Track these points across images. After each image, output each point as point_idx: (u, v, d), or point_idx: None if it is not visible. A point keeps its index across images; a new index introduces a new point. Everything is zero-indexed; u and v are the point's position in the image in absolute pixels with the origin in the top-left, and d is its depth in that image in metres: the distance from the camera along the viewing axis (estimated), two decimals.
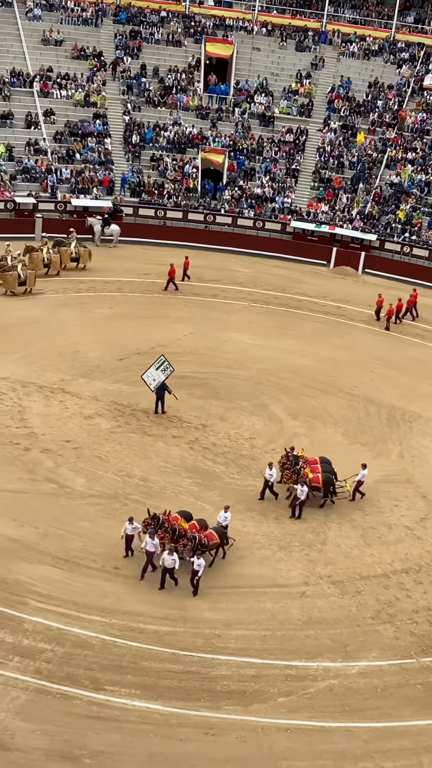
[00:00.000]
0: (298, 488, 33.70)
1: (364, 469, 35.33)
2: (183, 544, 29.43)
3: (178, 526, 29.88)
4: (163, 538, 29.56)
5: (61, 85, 67.20)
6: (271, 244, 63.25)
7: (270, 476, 34.50)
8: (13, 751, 22.94)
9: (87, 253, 55.23)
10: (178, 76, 70.17)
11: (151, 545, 29.25)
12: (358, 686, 26.71)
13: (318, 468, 34.87)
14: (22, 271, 50.14)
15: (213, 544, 30.38)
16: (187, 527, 30.12)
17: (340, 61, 73.05)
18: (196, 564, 28.84)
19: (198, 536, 29.84)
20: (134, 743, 23.78)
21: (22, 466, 34.76)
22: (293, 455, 35.05)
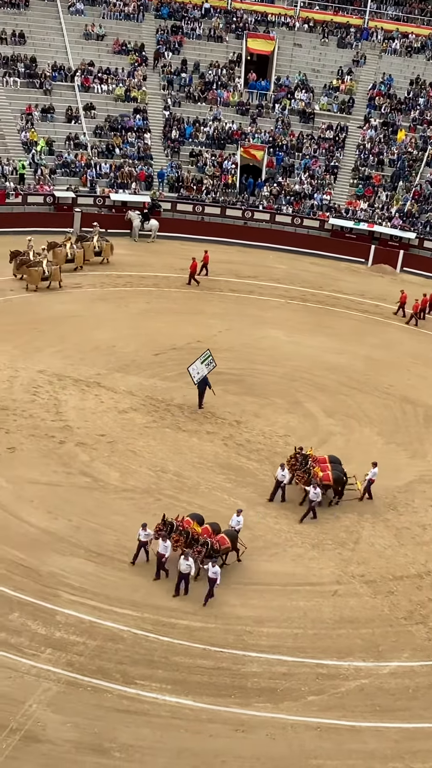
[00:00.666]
0: (311, 490, 33.16)
1: (374, 467, 34.88)
2: (197, 550, 28.94)
3: (191, 530, 29.49)
4: (177, 542, 29.13)
5: (102, 79, 67.36)
6: (309, 241, 63.09)
7: (282, 477, 33.95)
8: (44, 743, 23.05)
9: (109, 247, 55.06)
10: (218, 72, 70.09)
11: (162, 547, 28.82)
12: (389, 686, 26.60)
13: (328, 466, 34.41)
14: (47, 267, 50.02)
15: (225, 548, 29.88)
16: (200, 531, 29.74)
17: (381, 58, 72.67)
18: (211, 572, 28.30)
19: (210, 541, 29.32)
20: (164, 738, 23.82)
21: (57, 459, 34.91)
22: (302, 455, 34.41)
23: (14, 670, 25.04)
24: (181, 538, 29.19)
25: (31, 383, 40.02)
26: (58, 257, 52.32)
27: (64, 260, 52.61)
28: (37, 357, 42.38)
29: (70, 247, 53.18)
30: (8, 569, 28.71)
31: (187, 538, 29.24)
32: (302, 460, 34.14)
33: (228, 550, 30.02)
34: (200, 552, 28.85)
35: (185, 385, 41.11)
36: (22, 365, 41.44)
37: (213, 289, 53.66)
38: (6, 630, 26.33)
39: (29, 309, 47.53)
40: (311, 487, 33.05)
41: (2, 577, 28.35)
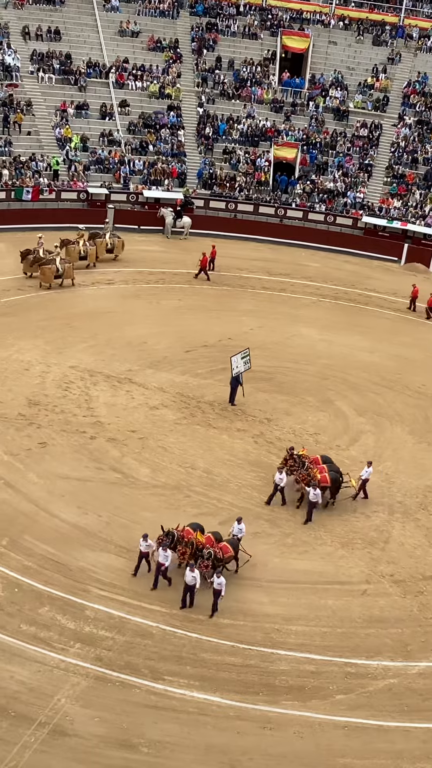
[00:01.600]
0: (311, 491, 32.53)
1: (368, 466, 34.40)
2: (205, 564, 28.19)
3: (196, 540, 28.83)
4: (183, 554, 28.49)
5: (137, 76, 67.51)
6: (342, 239, 62.96)
7: (280, 480, 33.19)
8: (72, 737, 23.16)
9: (121, 244, 54.72)
10: (253, 69, 70.03)
11: (162, 557, 28.18)
12: (417, 686, 26.49)
13: (324, 468, 33.77)
14: (60, 264, 49.69)
15: (228, 557, 29.09)
16: (203, 540, 29.04)
17: (417, 56, 72.30)
18: (216, 583, 27.59)
19: (213, 551, 28.54)
20: (192, 734, 23.86)
21: (88, 455, 35.04)
22: (296, 455, 33.71)
23: (43, 664, 25.18)
24: (187, 549, 28.50)
25: (63, 379, 40.20)
26: (72, 255, 52.00)
27: (77, 257, 52.34)
28: (69, 353, 42.56)
29: (83, 244, 52.80)
30: (39, 564, 28.86)
31: (192, 549, 28.56)
32: (299, 461, 33.54)
33: (231, 558, 29.28)
34: (207, 566, 28.14)
35: (216, 382, 41.17)
36: (54, 361, 41.63)
37: (245, 287, 53.66)
38: (36, 624, 26.47)
39: (62, 305, 47.73)
40: (311, 488, 32.54)
41: (33, 571, 28.51)
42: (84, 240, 53.10)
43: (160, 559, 28.30)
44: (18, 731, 22.94)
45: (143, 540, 28.70)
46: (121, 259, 54.63)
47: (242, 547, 29.64)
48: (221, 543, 29.15)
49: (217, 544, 29.04)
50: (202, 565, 28.12)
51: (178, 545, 28.54)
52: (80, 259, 52.52)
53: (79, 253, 52.52)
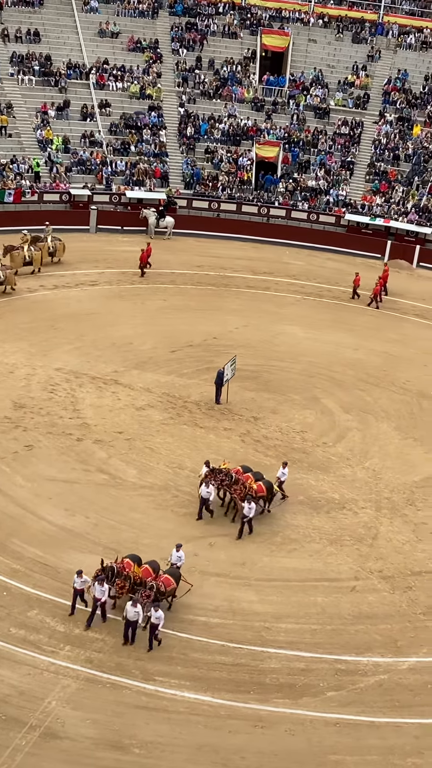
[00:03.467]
0: (246, 506, 31.27)
1: (284, 467, 33.70)
2: (146, 594, 26.55)
3: (132, 574, 27.14)
4: (122, 588, 26.99)
5: (117, 77, 67.43)
6: (325, 236, 62.98)
7: (207, 494, 31.96)
8: (63, 739, 23.13)
9: (62, 247, 53.38)
10: (233, 68, 70.04)
11: (99, 591, 26.53)
12: (408, 682, 26.55)
13: (251, 477, 32.45)
14: (2, 272, 48.45)
15: (170, 589, 27.45)
16: (140, 573, 27.31)
17: (396, 53, 72.44)
18: (154, 617, 25.92)
19: (156, 584, 26.89)
20: (183, 734, 23.86)
21: (75, 457, 35.00)
22: (218, 469, 32.21)
23: (33, 667, 25.14)
24: (126, 583, 26.98)
25: (49, 381, 40.14)
26: (16, 261, 50.63)
27: (22, 263, 51.03)
28: (54, 355, 42.49)
29: (28, 250, 51.51)
30: (27, 567, 28.82)
31: (131, 582, 27.00)
32: (228, 476, 32.01)
33: (174, 590, 27.65)
34: (149, 596, 26.52)
35: (202, 382, 41.20)
36: (39, 363, 41.56)
37: (229, 286, 53.66)
38: (25, 627, 26.43)
39: (46, 307, 47.65)
40: (246, 503, 31.25)
41: (21, 574, 28.47)
42: (28, 245, 51.75)
43: (96, 594, 26.68)
44: (9, 734, 22.89)
45: (77, 576, 26.98)
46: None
47: (184, 577, 28.11)
48: (162, 576, 27.44)
49: (157, 576, 27.36)
50: (143, 594, 26.50)
51: (116, 579, 26.93)
52: (25, 265, 51.24)
53: (24, 258, 51.19)
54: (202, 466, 32.73)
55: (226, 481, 32.06)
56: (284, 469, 33.70)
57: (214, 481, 32.05)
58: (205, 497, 32.04)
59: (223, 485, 32.24)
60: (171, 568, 28.11)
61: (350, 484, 35.61)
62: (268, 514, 32.96)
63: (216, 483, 32.11)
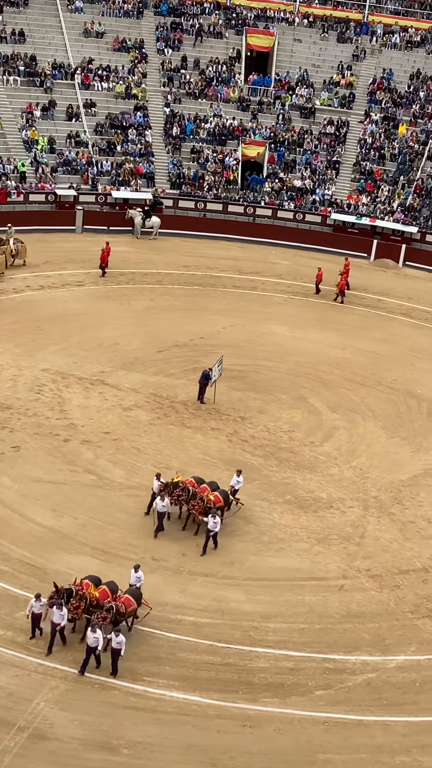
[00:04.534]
0: (210, 520, 30.35)
1: (238, 475, 32.88)
2: (102, 616, 25.41)
3: (89, 595, 26.06)
4: (77, 608, 25.71)
5: (102, 77, 67.35)
6: (311, 236, 63.03)
7: (163, 508, 31.01)
8: (52, 741, 23.09)
9: (24, 249, 52.60)
10: (218, 68, 70.05)
11: (58, 616, 25.36)
12: (396, 680, 26.60)
13: (207, 488, 31.69)
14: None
15: (131, 610, 26.43)
16: (97, 595, 26.22)
17: (381, 53, 72.56)
18: (115, 642, 24.97)
19: (115, 605, 25.81)
20: (172, 734, 23.85)
21: (62, 457, 34.95)
22: (173, 484, 31.29)
23: (21, 668, 25.09)
24: (82, 603, 25.79)
25: (35, 382, 40.06)
26: None
27: None
28: (40, 355, 42.42)
29: None
30: (14, 568, 28.77)
31: (86, 603, 25.85)
32: (185, 489, 31.09)
33: (134, 612, 26.66)
34: (105, 618, 25.42)
35: (189, 382, 41.18)
36: (25, 364, 41.47)
37: (216, 286, 53.66)
38: (13, 628, 26.36)
39: (32, 308, 47.55)
40: (210, 517, 30.36)
41: (9, 575, 28.41)
42: None
43: (55, 619, 25.50)
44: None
45: (35, 600, 25.86)
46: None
47: (145, 600, 27.09)
48: (122, 595, 26.46)
49: (116, 596, 26.33)
50: (99, 616, 25.41)
51: (71, 599, 25.77)
52: None
53: None
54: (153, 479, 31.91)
55: (183, 496, 31.06)
56: (239, 477, 32.87)
57: (170, 496, 31.01)
58: (162, 511, 31.04)
59: (180, 501, 31.16)
60: (132, 589, 27.05)
61: (337, 483, 35.66)
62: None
63: (173, 499, 31.08)
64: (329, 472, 36.32)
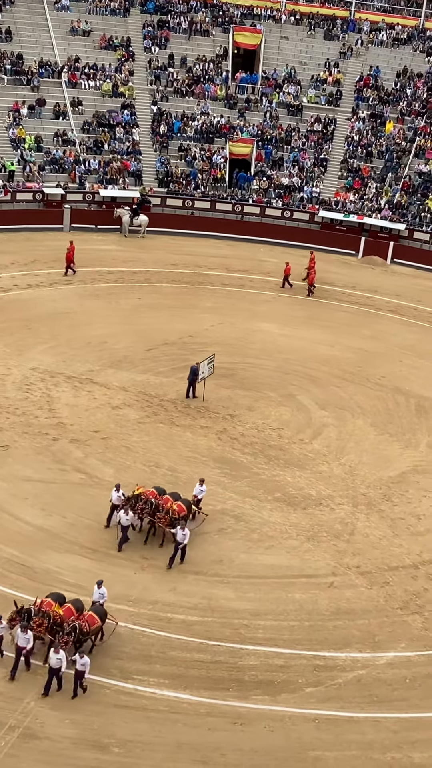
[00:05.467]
0: (179, 532, 29.56)
1: (201, 484, 32.07)
2: (65, 641, 24.49)
3: (53, 613, 25.15)
4: (40, 625, 24.78)
5: (89, 75, 67.23)
6: (299, 233, 63.02)
7: (127, 522, 30.17)
8: (43, 740, 23.07)
9: None
10: (205, 66, 70.01)
11: (23, 639, 24.47)
12: (386, 677, 26.65)
13: (169, 499, 30.74)
14: None
15: (95, 628, 25.56)
16: (62, 613, 25.34)
17: (368, 50, 72.61)
18: (79, 664, 24.29)
19: (78, 625, 24.99)
20: (162, 732, 23.85)
21: (51, 456, 34.90)
22: (136, 497, 30.16)
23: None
24: (44, 621, 24.91)
25: (24, 381, 39.99)
26: None
27: None
28: (29, 354, 42.34)
29: None
30: (3, 567, 28.71)
31: (50, 621, 24.98)
32: (148, 502, 30.07)
33: (99, 629, 25.84)
34: (67, 642, 24.53)
35: (178, 380, 41.16)
36: (14, 363, 41.40)
37: (204, 284, 53.65)
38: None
39: (20, 307, 47.46)
40: (178, 529, 29.57)
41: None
42: None
43: (20, 642, 24.53)
44: None
45: None
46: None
47: (110, 615, 26.38)
48: (86, 613, 25.61)
49: (80, 614, 25.52)
50: (62, 641, 24.49)
51: (33, 617, 24.86)
52: None
53: None
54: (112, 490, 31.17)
55: (147, 509, 30.11)
56: (201, 486, 32.08)
57: (133, 510, 30.06)
58: (126, 525, 30.19)
59: (143, 514, 30.20)
60: (95, 606, 26.21)
61: (327, 481, 35.70)
62: None
63: (137, 512, 30.12)
64: (318, 469, 36.36)
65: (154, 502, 30.24)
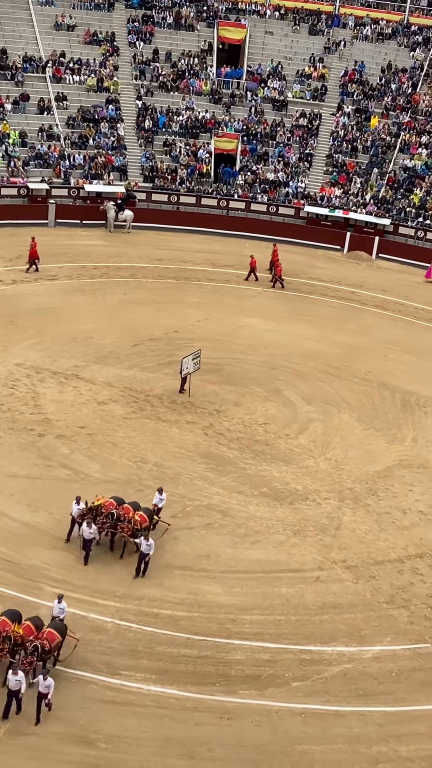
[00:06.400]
0: (143, 542, 28.80)
1: (160, 493, 31.25)
2: (28, 662, 23.71)
3: (13, 633, 24.24)
4: (1, 650, 23.89)
5: (74, 70, 67.03)
6: (285, 229, 63.03)
7: (90, 535, 29.14)
8: (30, 736, 23.06)
9: None
10: (190, 61, 69.90)
11: None
12: (372, 671, 26.75)
13: (130, 508, 29.85)
14: None
15: (55, 645, 24.72)
16: (21, 632, 24.38)
17: (353, 45, 72.63)
18: (43, 686, 23.43)
19: (39, 645, 24.06)
20: (150, 727, 23.88)
21: (37, 452, 34.85)
22: (95, 508, 29.48)
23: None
24: (4, 646, 24.06)
25: (9, 377, 39.91)
26: None
27: None
28: (14, 350, 42.24)
29: None
30: None
31: (10, 644, 24.18)
32: (109, 514, 29.26)
33: (59, 645, 24.91)
34: (31, 663, 23.76)
35: (164, 376, 41.16)
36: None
37: (190, 279, 53.61)
38: None
39: (4, 302, 47.33)
40: (142, 539, 28.85)
41: None
42: None
43: None
44: None
45: None
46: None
47: (71, 631, 25.60)
48: (45, 630, 24.76)
49: (39, 632, 24.66)
50: (25, 662, 23.65)
51: None
52: None
53: None
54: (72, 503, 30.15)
55: (108, 522, 29.27)
56: (161, 495, 31.26)
57: (95, 523, 29.12)
58: (89, 538, 29.10)
59: (105, 527, 29.32)
60: (55, 622, 25.32)
61: (313, 475, 35.77)
62: None
63: (98, 525, 29.19)
64: (304, 464, 36.43)
65: (114, 513, 29.33)
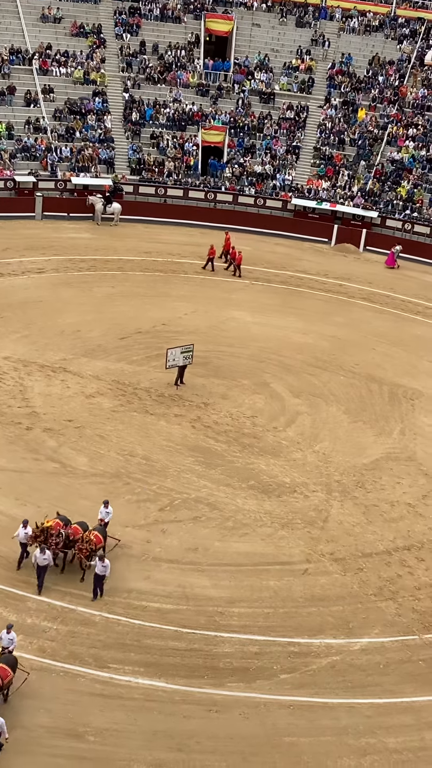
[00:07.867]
0: (98, 564, 27.49)
1: (106, 507, 29.77)
2: None
3: None
4: None
5: (61, 62, 66.84)
6: (272, 221, 63.02)
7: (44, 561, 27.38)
8: (18, 729, 23.05)
9: None
10: (177, 53, 69.76)
11: None
12: (360, 663, 26.83)
13: (79, 529, 28.61)
14: None
15: (7, 682, 23.43)
16: None
17: (340, 37, 72.56)
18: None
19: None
20: (138, 720, 23.92)
21: (25, 446, 34.80)
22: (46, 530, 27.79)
23: None
24: None
25: None
26: None
27: None
28: (1, 343, 42.14)
29: None
30: None
31: None
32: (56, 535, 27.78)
33: (11, 682, 23.56)
34: None
35: (152, 369, 41.13)
36: None
37: (177, 272, 53.55)
38: None
39: None
40: (97, 561, 27.56)
41: None
42: None
43: None
44: None
45: None
46: None
47: (21, 665, 24.28)
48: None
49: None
50: None
51: None
52: None
53: None
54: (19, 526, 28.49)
55: (61, 543, 27.99)
56: (107, 508, 29.72)
57: (47, 547, 27.46)
58: (43, 565, 27.39)
59: (58, 549, 27.97)
60: (5, 655, 23.80)
61: (301, 468, 35.83)
62: None
63: (51, 548, 27.62)
64: (292, 456, 36.48)
65: (63, 533, 28.02)
